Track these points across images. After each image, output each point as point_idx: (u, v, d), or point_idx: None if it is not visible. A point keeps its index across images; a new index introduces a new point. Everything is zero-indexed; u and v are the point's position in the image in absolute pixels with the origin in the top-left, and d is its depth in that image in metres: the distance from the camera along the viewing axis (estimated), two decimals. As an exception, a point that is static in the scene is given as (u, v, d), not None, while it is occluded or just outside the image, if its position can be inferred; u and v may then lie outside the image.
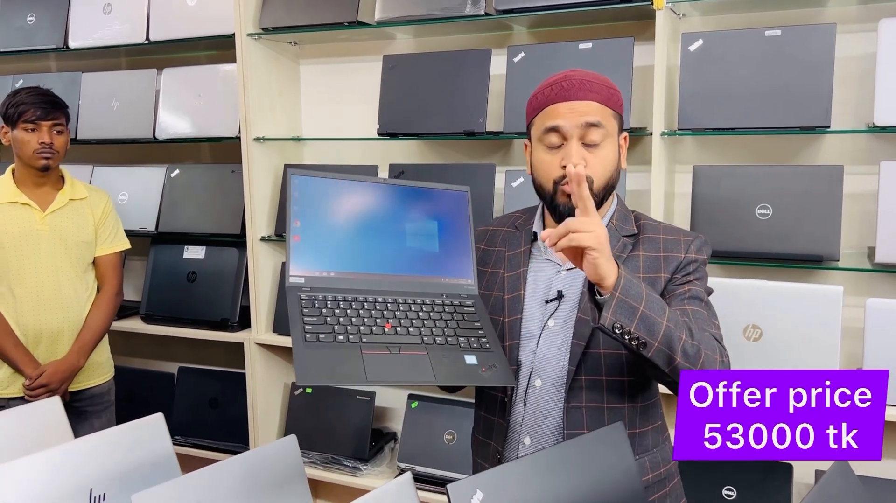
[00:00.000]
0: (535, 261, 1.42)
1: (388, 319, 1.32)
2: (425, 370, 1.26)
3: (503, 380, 1.30)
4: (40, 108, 2.21)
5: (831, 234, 1.96)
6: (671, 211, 2.28)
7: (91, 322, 2.32)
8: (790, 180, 2.00)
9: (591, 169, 1.30)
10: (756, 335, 1.99)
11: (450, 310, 1.37)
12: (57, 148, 2.25)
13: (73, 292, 2.30)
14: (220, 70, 2.72)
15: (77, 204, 2.33)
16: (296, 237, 1.33)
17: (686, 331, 1.21)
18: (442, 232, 1.43)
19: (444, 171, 2.43)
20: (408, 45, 2.64)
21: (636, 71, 2.18)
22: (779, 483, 2.14)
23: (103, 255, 2.37)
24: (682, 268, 1.34)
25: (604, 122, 1.30)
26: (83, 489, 1.41)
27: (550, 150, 1.32)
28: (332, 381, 1.21)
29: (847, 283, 2.04)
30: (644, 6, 2.07)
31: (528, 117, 1.39)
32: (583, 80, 1.32)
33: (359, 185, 1.40)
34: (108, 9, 2.84)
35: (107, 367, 2.44)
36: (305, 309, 1.29)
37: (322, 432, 2.65)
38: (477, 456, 1.49)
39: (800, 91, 1.96)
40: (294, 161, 2.79)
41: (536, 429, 1.37)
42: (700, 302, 1.32)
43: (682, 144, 2.29)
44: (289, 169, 1.37)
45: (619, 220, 1.40)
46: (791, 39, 1.97)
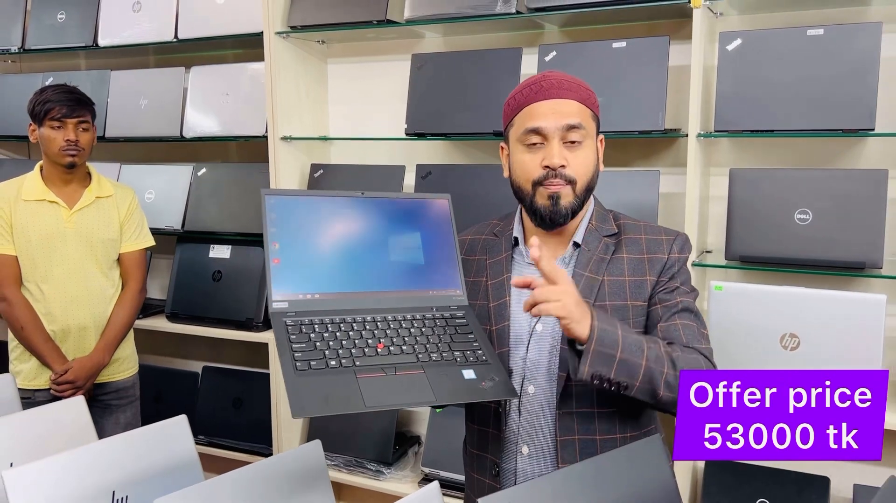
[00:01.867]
0: (518, 267, 1.40)
1: (379, 339, 1.27)
2: (424, 390, 1.21)
3: (505, 393, 1.25)
4: (66, 105, 2.22)
5: (874, 241, 1.89)
6: (706, 215, 2.22)
7: (115, 319, 2.33)
8: (831, 184, 1.94)
9: (572, 168, 1.30)
10: (794, 344, 1.93)
11: (441, 323, 1.33)
12: (83, 145, 2.26)
13: (99, 289, 2.31)
14: (248, 69, 2.71)
15: (103, 201, 2.34)
16: (275, 260, 1.28)
17: (668, 363, 1.22)
18: (426, 243, 1.38)
19: (473, 172, 2.40)
20: (437, 43, 2.61)
21: (672, 71, 2.13)
22: (815, 496, 2.07)
23: (128, 252, 2.38)
24: (666, 269, 1.35)
25: (584, 122, 1.31)
26: (106, 491, 1.40)
27: (531, 150, 1.32)
28: (328, 411, 1.16)
29: (890, 292, 1.97)
30: (681, 4, 2.02)
31: (507, 119, 1.38)
32: (561, 80, 1.32)
33: (336, 202, 1.36)
34: (137, 7, 2.85)
35: (132, 362, 2.45)
36: (293, 335, 1.24)
37: (346, 435, 2.63)
38: (472, 470, 1.45)
39: (842, 92, 1.90)
40: (321, 161, 2.77)
41: (533, 437, 1.35)
42: (690, 314, 1.33)
43: (719, 146, 2.23)
44: (262, 189, 1.33)
45: (598, 220, 1.40)
46: (834, 39, 1.91)
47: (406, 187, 2.55)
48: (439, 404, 1.23)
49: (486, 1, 2.25)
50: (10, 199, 2.23)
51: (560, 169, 1.29)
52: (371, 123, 2.74)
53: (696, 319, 1.33)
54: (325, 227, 1.33)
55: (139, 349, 2.52)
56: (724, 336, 2.01)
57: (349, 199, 1.36)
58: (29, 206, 2.24)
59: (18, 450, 1.58)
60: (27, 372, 2.28)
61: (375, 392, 1.19)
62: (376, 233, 1.36)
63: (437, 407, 1.29)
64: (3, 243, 2.22)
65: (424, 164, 2.49)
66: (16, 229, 2.22)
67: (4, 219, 2.22)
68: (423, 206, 1.41)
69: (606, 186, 2.18)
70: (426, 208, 1.41)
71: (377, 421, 2.59)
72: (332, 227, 1.34)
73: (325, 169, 2.67)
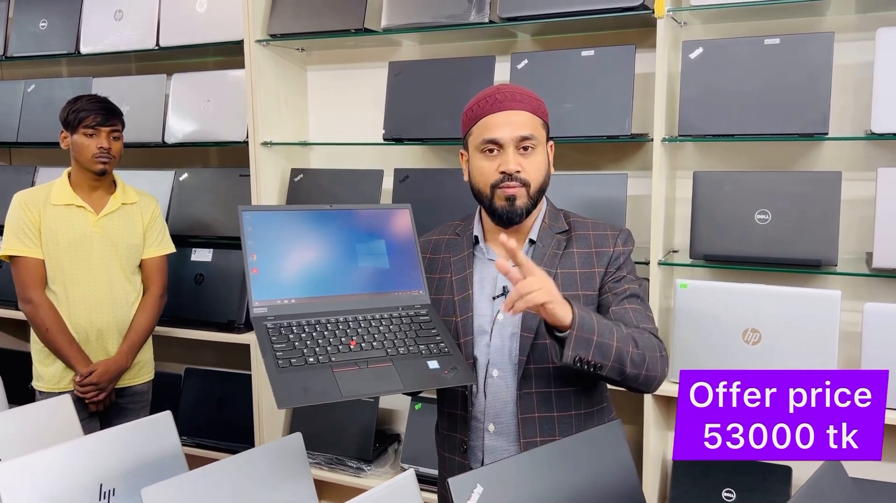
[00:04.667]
0: (479, 263, 1.52)
1: (352, 337, 1.39)
2: (393, 380, 1.34)
3: (465, 380, 1.39)
4: (100, 114, 2.28)
5: (829, 240, 1.98)
6: (672, 216, 2.31)
7: (138, 323, 2.39)
8: (789, 186, 2.03)
9: (526, 173, 1.42)
10: (755, 339, 2.01)
11: (407, 321, 1.45)
12: (114, 153, 2.33)
13: (123, 293, 2.37)
14: (229, 75, 2.77)
15: (128, 208, 2.39)
16: (254, 270, 1.40)
17: (632, 343, 1.34)
18: (390, 249, 1.51)
19: (449, 176, 2.47)
20: (413, 51, 2.68)
21: (638, 78, 2.22)
22: (778, 485, 2.16)
23: (150, 258, 2.44)
24: (613, 260, 1.47)
25: (534, 132, 1.43)
26: (93, 484, 1.44)
27: (488, 157, 1.43)
28: (309, 401, 1.27)
29: (845, 288, 2.06)
30: (646, 14, 2.10)
31: (465, 128, 1.49)
32: (514, 92, 1.45)
33: (307, 215, 1.48)
34: (119, 15, 2.89)
35: (149, 367, 2.50)
36: (273, 337, 1.35)
37: (326, 433, 2.68)
38: (443, 449, 1.57)
39: (798, 98, 1.99)
40: (301, 165, 2.83)
41: (498, 416, 1.46)
42: (637, 299, 1.46)
43: (683, 150, 2.32)
44: (238, 206, 1.44)
45: (550, 219, 1.52)
46: (790, 48, 2.00)
47: (384, 191, 2.62)
48: (407, 391, 1.36)
49: (461, 10, 2.32)
50: (39, 204, 2.29)
51: (515, 174, 1.41)
52: (350, 129, 2.81)
53: (642, 304, 1.46)
54: (298, 238, 1.45)
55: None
56: (689, 331, 2.09)
57: (319, 212, 1.49)
58: (58, 210, 2.29)
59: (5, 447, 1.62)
60: (50, 376, 2.33)
61: (350, 383, 1.31)
62: (345, 241, 1.48)
63: (409, 394, 1.40)
64: (31, 247, 2.27)
65: (402, 168, 2.56)
66: (44, 233, 2.27)
67: (34, 223, 2.27)
68: (387, 215, 1.54)
69: (577, 189, 2.27)
70: (389, 217, 1.53)
71: (357, 419, 2.65)
72: (305, 237, 1.45)
73: (304, 173, 2.72)
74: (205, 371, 2.98)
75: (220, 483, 1.37)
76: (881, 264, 1.93)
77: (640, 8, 2.09)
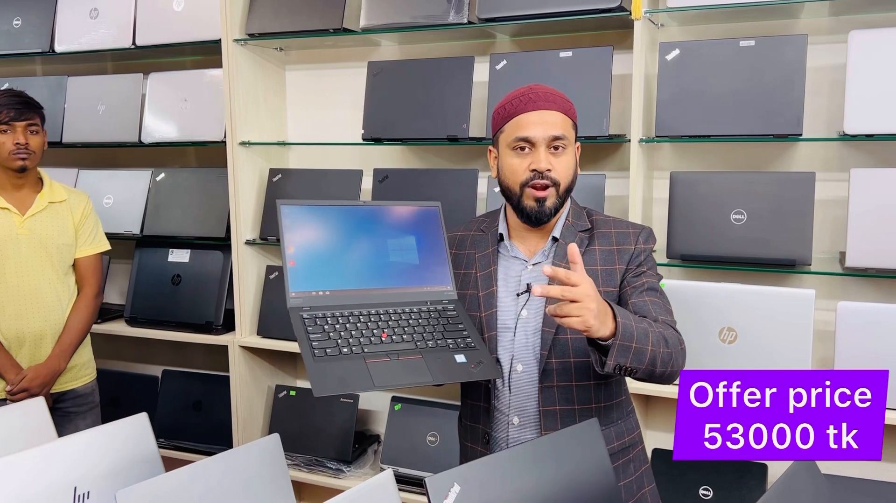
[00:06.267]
0: (503, 260, 1.56)
1: (383, 329, 1.46)
2: (423, 372, 1.40)
3: (490, 374, 1.44)
4: (13, 108, 2.21)
5: (804, 239, 2.01)
6: (649, 216, 2.33)
7: (71, 325, 2.32)
8: (764, 186, 2.05)
9: (556, 172, 1.45)
10: (731, 337, 2.03)
11: (435, 315, 1.51)
12: (33, 148, 2.25)
13: (55, 295, 2.30)
14: (207, 75, 2.75)
15: (56, 206, 2.32)
16: (291, 262, 1.47)
17: (663, 343, 1.36)
18: (420, 245, 1.57)
19: (428, 176, 2.47)
20: (392, 51, 2.68)
21: (615, 79, 2.23)
22: (754, 482, 2.18)
23: (83, 257, 2.37)
24: (634, 258, 1.50)
25: (566, 133, 1.46)
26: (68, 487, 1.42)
27: (519, 154, 1.46)
28: (344, 390, 1.34)
29: (819, 287, 2.09)
30: (623, 16, 2.12)
31: (496, 126, 1.52)
32: (547, 92, 1.48)
33: (343, 210, 1.55)
34: (94, 13, 2.86)
35: (89, 368, 2.44)
36: (309, 327, 1.42)
37: (306, 435, 2.67)
38: (465, 439, 1.61)
39: (773, 100, 2.02)
40: (279, 165, 2.81)
41: (523, 410, 1.50)
42: (655, 292, 1.49)
43: (660, 151, 2.34)
44: (277, 200, 1.49)
45: (574, 217, 1.55)
46: (764, 50, 2.03)
47: (364, 191, 2.61)
48: (435, 383, 1.42)
49: (440, 11, 2.33)
50: None
51: (546, 172, 1.44)
52: (329, 129, 2.80)
53: (661, 297, 1.50)
54: (333, 233, 1.52)
55: (98, 354, 2.52)
56: (666, 331, 2.11)
57: (353, 207, 1.56)
58: None
59: (-22, 451, 1.59)
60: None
61: (382, 374, 1.38)
62: (377, 236, 1.55)
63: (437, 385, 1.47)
64: None
65: (381, 168, 2.56)
66: None
67: None
68: (417, 212, 1.60)
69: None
70: (420, 215, 1.60)
71: (337, 420, 2.64)
72: (339, 231, 1.53)
73: (283, 173, 2.71)
74: (182, 373, 2.95)
75: (195, 485, 1.36)
76: (854, 263, 1.96)
77: (617, 9, 2.10)
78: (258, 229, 2.72)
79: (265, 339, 2.68)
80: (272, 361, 2.85)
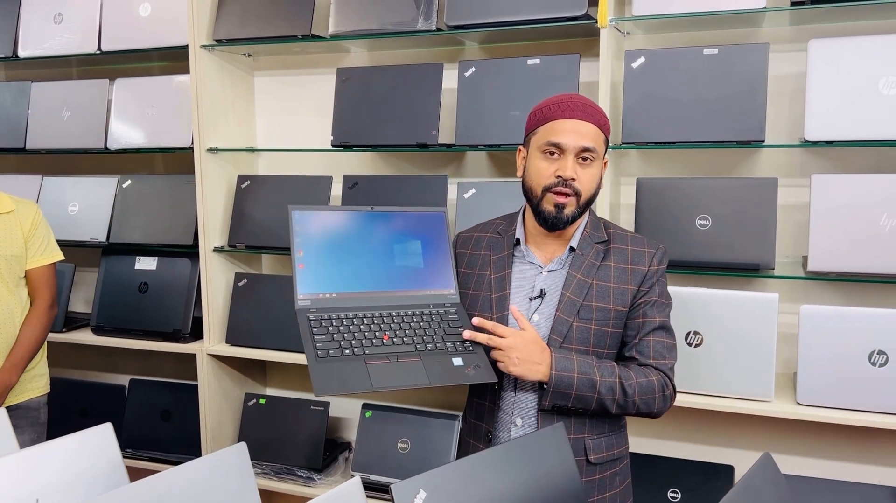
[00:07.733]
0: (518, 264, 1.60)
1: (385, 332, 1.50)
2: (420, 374, 1.45)
3: (486, 378, 1.49)
4: None
5: (767, 244, 2.05)
6: (616, 221, 2.35)
7: (23, 338, 2.25)
8: (728, 192, 2.08)
9: (580, 182, 1.49)
10: (697, 341, 2.06)
11: (437, 318, 1.56)
12: None
13: (6, 308, 2.23)
14: (174, 81, 2.72)
15: (4, 217, 2.25)
16: (300, 265, 1.52)
17: (619, 391, 1.47)
18: (425, 249, 1.62)
19: (399, 182, 2.47)
20: (361, 58, 2.68)
21: (582, 86, 2.26)
22: (721, 483, 2.21)
23: (35, 268, 2.30)
24: (647, 279, 1.55)
25: (597, 146, 1.50)
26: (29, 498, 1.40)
27: (548, 158, 1.50)
28: (343, 391, 1.38)
29: (782, 291, 2.13)
30: (589, 24, 2.14)
31: (530, 127, 1.55)
32: (585, 104, 1.51)
33: (350, 215, 1.60)
34: (58, 18, 2.82)
35: (42, 382, 2.37)
36: (315, 328, 1.46)
37: (276, 443, 2.65)
38: (468, 436, 1.66)
39: (736, 107, 2.05)
40: (248, 172, 2.80)
41: (526, 411, 1.54)
42: (664, 331, 1.55)
43: (627, 157, 2.36)
44: (288, 205, 1.55)
45: (591, 228, 1.59)
46: (727, 58, 2.06)
47: (333, 198, 2.61)
48: (432, 386, 1.46)
49: (409, 18, 2.33)
50: None
51: (570, 181, 1.47)
52: (298, 135, 2.79)
53: (668, 335, 1.56)
54: (341, 237, 1.58)
55: (65, 363, 2.48)
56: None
57: (361, 213, 1.61)
58: None
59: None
60: None
61: (381, 376, 1.42)
62: (383, 241, 1.60)
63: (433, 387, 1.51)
64: None
65: (351, 174, 2.55)
66: None
67: None
68: (423, 217, 1.65)
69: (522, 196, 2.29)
70: (425, 220, 1.65)
71: (307, 427, 2.63)
72: (347, 236, 1.58)
73: (252, 180, 2.70)
74: (150, 382, 2.91)
75: (160, 495, 1.34)
76: (816, 267, 2.00)
77: (583, 18, 2.13)
78: (226, 236, 2.70)
79: (234, 348, 2.66)
80: (241, 369, 2.83)
